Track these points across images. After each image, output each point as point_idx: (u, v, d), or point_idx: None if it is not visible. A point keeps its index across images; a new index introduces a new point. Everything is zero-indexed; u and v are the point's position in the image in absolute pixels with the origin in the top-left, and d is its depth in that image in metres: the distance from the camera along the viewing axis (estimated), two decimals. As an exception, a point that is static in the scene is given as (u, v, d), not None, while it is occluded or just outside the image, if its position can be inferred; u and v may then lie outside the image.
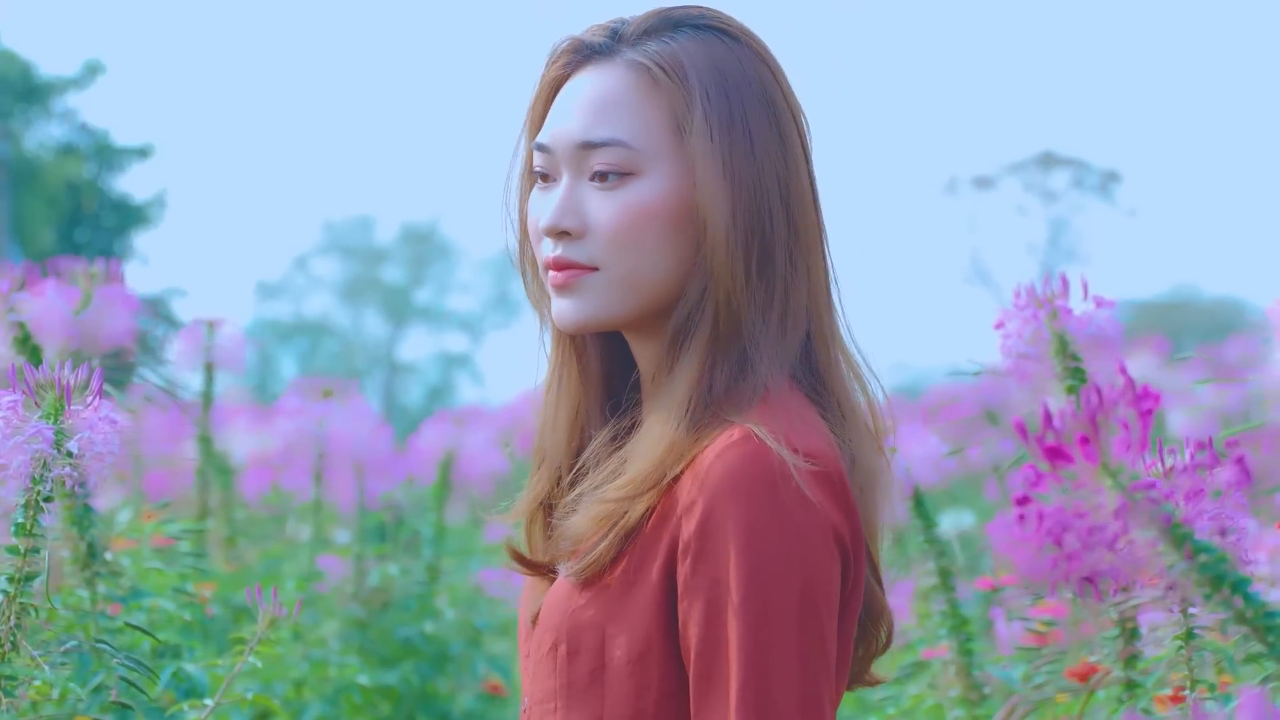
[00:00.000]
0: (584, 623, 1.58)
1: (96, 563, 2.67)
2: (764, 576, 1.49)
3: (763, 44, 1.69)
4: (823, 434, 1.57)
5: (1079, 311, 2.32)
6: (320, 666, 3.69)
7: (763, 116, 1.62)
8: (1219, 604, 1.06)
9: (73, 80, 28.89)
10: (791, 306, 1.61)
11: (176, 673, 2.53)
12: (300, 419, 3.91)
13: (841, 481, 1.55)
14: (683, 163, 1.61)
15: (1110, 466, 1.08)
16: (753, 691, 1.49)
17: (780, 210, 1.62)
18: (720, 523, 1.51)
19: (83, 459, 1.84)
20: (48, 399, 1.87)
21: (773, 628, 1.49)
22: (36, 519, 1.89)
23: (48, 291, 2.81)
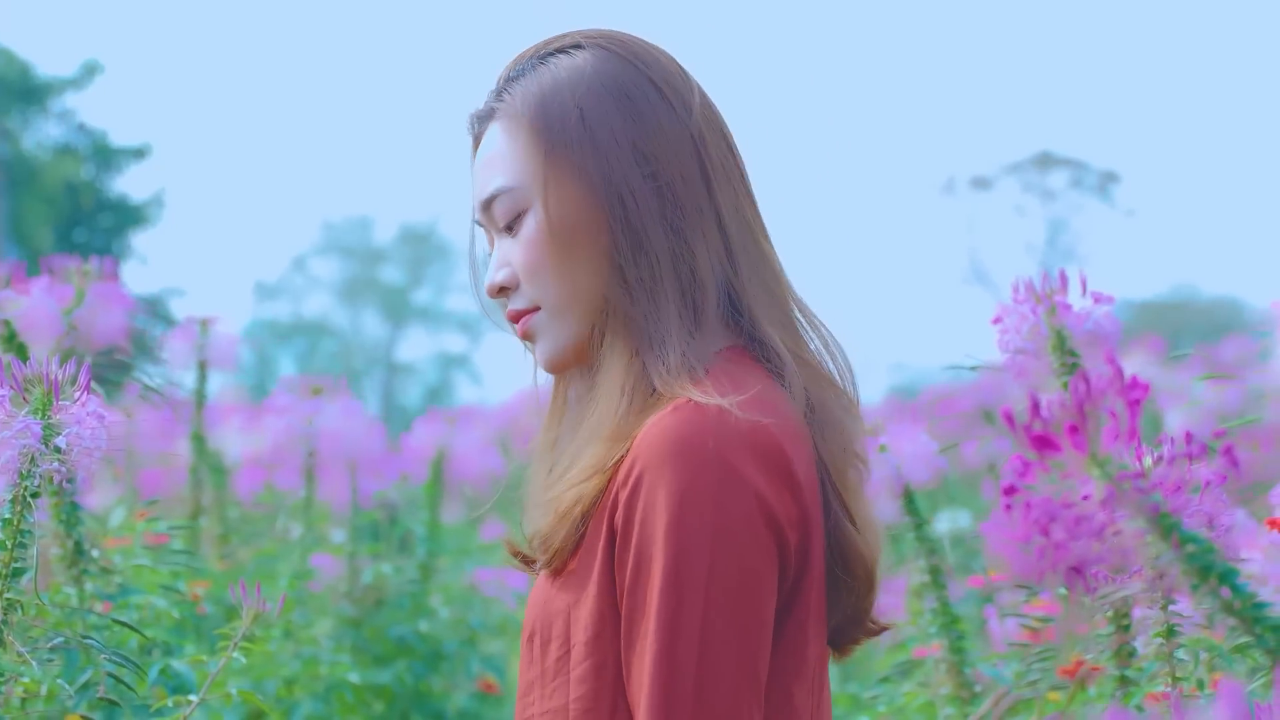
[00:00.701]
0: (554, 611, 1.63)
1: (84, 560, 2.66)
2: (680, 546, 1.53)
3: (633, 44, 1.74)
4: (766, 404, 1.60)
5: (1077, 307, 2.31)
6: (311, 665, 3.68)
7: (612, 111, 1.67)
8: (1206, 595, 1.05)
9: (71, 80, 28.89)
10: (687, 279, 1.66)
11: (164, 669, 2.52)
12: (290, 417, 3.89)
13: (779, 456, 1.58)
14: (554, 182, 1.68)
15: (1098, 456, 1.07)
16: (662, 656, 1.52)
17: (647, 193, 1.66)
18: (649, 492, 1.55)
19: (70, 454, 1.83)
20: (35, 394, 1.86)
21: (683, 594, 1.52)
22: (24, 514, 1.88)
23: (35, 289, 2.80)
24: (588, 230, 1.66)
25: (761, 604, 1.56)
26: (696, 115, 1.70)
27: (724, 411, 1.56)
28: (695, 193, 1.68)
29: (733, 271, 1.68)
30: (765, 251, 1.73)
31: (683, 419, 1.56)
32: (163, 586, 2.82)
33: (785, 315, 1.71)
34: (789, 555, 1.58)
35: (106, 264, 3.04)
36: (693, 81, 1.73)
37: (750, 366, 1.65)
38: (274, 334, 38.80)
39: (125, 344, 3.00)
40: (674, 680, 1.52)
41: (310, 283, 40.90)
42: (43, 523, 2.65)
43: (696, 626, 1.52)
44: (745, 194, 1.74)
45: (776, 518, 1.57)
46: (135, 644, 2.66)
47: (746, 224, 1.72)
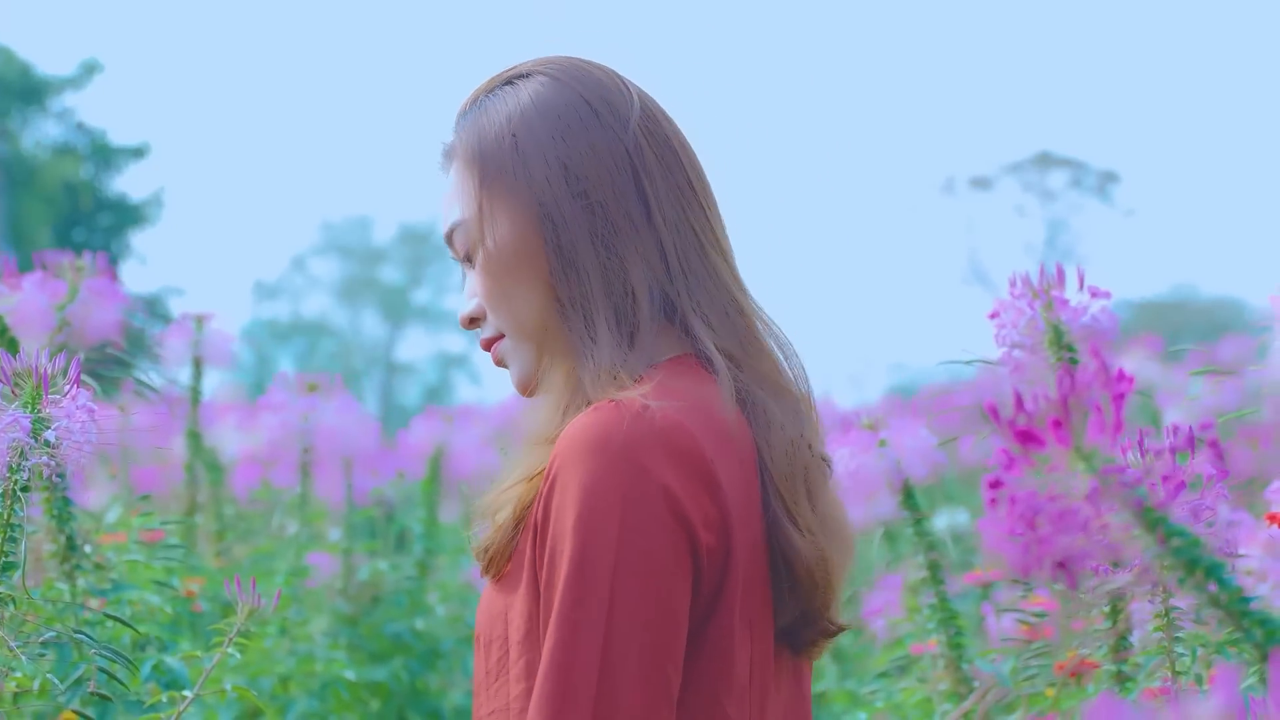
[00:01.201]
0: (495, 614, 1.67)
1: (76, 555, 2.66)
2: (585, 540, 1.54)
3: (572, 66, 1.77)
4: (693, 407, 1.62)
5: (1074, 302, 2.30)
6: (307, 662, 3.68)
7: (544, 134, 1.71)
8: (1193, 588, 1.05)
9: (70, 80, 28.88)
10: (619, 294, 1.68)
11: (158, 665, 2.52)
12: (285, 413, 3.88)
13: (694, 453, 1.59)
14: (490, 211, 1.73)
15: (1083, 450, 1.06)
16: (561, 647, 1.54)
17: (577, 212, 1.70)
18: (561, 488, 1.58)
19: (60, 448, 1.82)
20: (25, 388, 1.85)
21: (587, 585, 1.54)
22: (14, 509, 1.87)
23: (27, 284, 2.80)
24: (526, 256, 1.71)
25: (670, 600, 1.57)
26: (633, 129, 1.73)
27: (640, 411, 1.58)
28: (629, 207, 1.71)
29: (669, 281, 1.71)
30: (710, 258, 1.74)
31: (598, 418, 1.59)
32: (156, 582, 2.81)
33: (728, 321, 1.73)
34: (703, 556, 1.59)
35: (100, 259, 3.03)
36: (633, 96, 1.76)
37: (695, 374, 1.68)
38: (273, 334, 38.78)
39: (119, 340, 2.99)
40: (571, 679, 1.54)
41: (309, 282, 40.91)
42: (35, 518, 2.65)
43: (599, 624, 1.54)
44: (692, 204, 1.75)
45: (688, 516, 1.58)
46: (129, 640, 2.65)
47: (691, 232, 1.74)
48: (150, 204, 29.24)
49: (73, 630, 2.07)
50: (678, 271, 1.71)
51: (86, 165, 28.87)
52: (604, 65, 1.80)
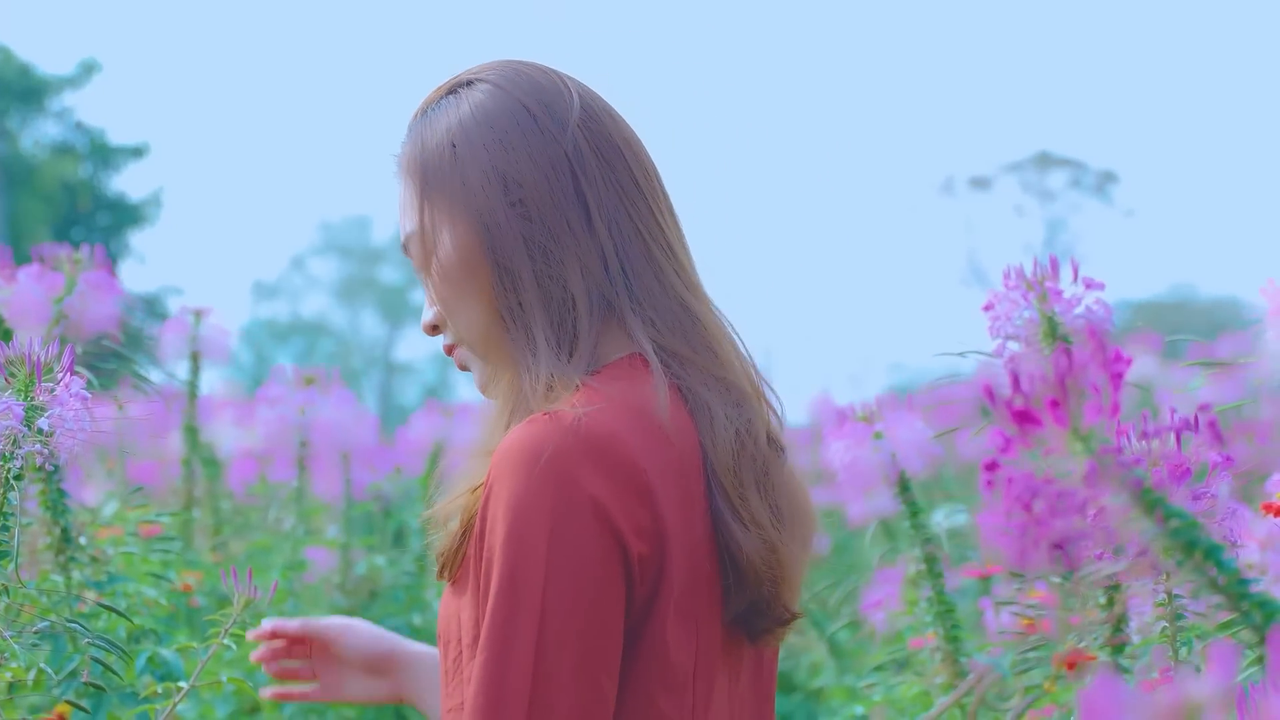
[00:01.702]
0: (450, 615, 1.70)
1: (71, 547, 2.65)
2: (515, 552, 1.57)
3: (512, 72, 1.77)
4: (630, 414, 1.64)
5: (1068, 294, 2.30)
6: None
7: (481, 143, 1.73)
8: (1191, 571, 1.04)
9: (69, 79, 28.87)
10: (558, 300, 1.70)
11: (153, 657, 2.51)
12: (282, 407, 3.87)
13: (628, 466, 1.61)
14: (434, 222, 1.75)
15: (1080, 431, 1.05)
16: (493, 658, 1.56)
17: (514, 219, 1.71)
18: (495, 501, 1.60)
19: (53, 436, 1.82)
20: (18, 376, 1.85)
21: (519, 596, 1.56)
22: (6, 497, 1.86)
23: (23, 276, 2.79)
24: (468, 267, 1.73)
25: (603, 612, 1.59)
26: (572, 131, 1.74)
27: (572, 422, 1.60)
28: (567, 212, 1.72)
29: (608, 284, 1.72)
30: (654, 257, 1.75)
31: (529, 430, 1.61)
32: (153, 575, 2.80)
33: (672, 318, 1.74)
34: (635, 564, 1.61)
35: (98, 252, 3.02)
36: (573, 98, 1.76)
37: (637, 375, 1.69)
38: (272, 333, 38.79)
39: (116, 333, 2.98)
40: (504, 689, 1.56)
41: (308, 282, 40.93)
42: (30, 510, 2.64)
43: (530, 636, 1.56)
44: (636, 204, 1.76)
45: (618, 526, 1.59)
46: (124, 633, 2.64)
47: (634, 232, 1.74)
48: (149, 204, 29.23)
49: (66, 620, 2.06)
50: (617, 273, 1.72)
51: (85, 165, 28.86)
52: (546, 67, 1.80)
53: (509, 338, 1.71)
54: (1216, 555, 1.04)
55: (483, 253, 1.72)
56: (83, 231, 28.25)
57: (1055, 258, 2.33)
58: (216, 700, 3.34)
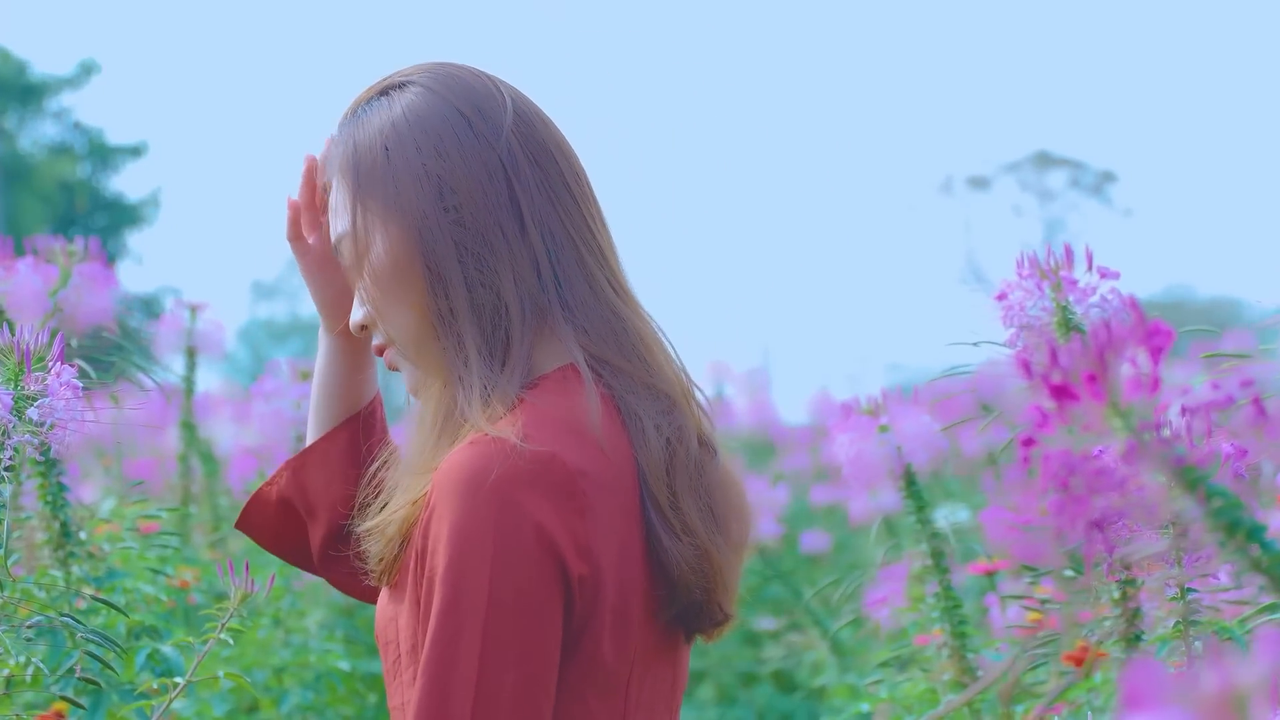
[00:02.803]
0: (387, 619, 1.71)
1: (71, 542, 2.61)
2: (458, 577, 1.57)
3: (446, 75, 1.76)
4: (568, 432, 1.64)
5: (1082, 283, 2.26)
6: (302, 654, 3.63)
7: (414, 148, 1.71)
8: (1233, 552, 1.00)
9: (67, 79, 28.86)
10: (490, 308, 1.69)
11: (152, 654, 2.47)
12: (278, 401, 3.82)
13: (569, 488, 1.61)
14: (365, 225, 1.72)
15: (1119, 406, 1.01)
16: (435, 684, 1.58)
17: (447, 225, 1.69)
18: (438, 523, 1.60)
19: (44, 426, 1.77)
20: (7, 365, 1.80)
21: (461, 621, 1.57)
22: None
23: (20, 267, 2.75)
24: (400, 272, 1.71)
25: (542, 636, 1.60)
26: (506, 137, 1.72)
27: (513, 448, 1.59)
28: (501, 218, 1.70)
29: (540, 291, 1.71)
30: (585, 263, 1.74)
31: (473, 454, 1.61)
32: (151, 570, 2.77)
33: (604, 325, 1.73)
34: (575, 585, 1.62)
35: (93, 245, 2.99)
36: (507, 102, 1.75)
37: (572, 387, 1.69)
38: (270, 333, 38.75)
39: (112, 324, 2.95)
40: (447, 712, 1.57)
41: (307, 282, 40.89)
42: (28, 505, 2.60)
43: (473, 661, 1.57)
44: (568, 208, 1.75)
45: (560, 550, 1.60)
46: (123, 629, 2.61)
47: (567, 238, 1.73)
48: (147, 204, 29.21)
49: (61, 615, 2.02)
50: (549, 280, 1.71)
51: (83, 165, 28.85)
52: (478, 70, 1.79)
53: (439, 345, 1.70)
54: (1259, 536, 1.00)
55: (415, 257, 1.70)
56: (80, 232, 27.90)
57: (1069, 246, 2.29)
58: (214, 698, 3.30)
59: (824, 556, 6.71)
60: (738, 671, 5.88)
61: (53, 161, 28.32)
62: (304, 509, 1.95)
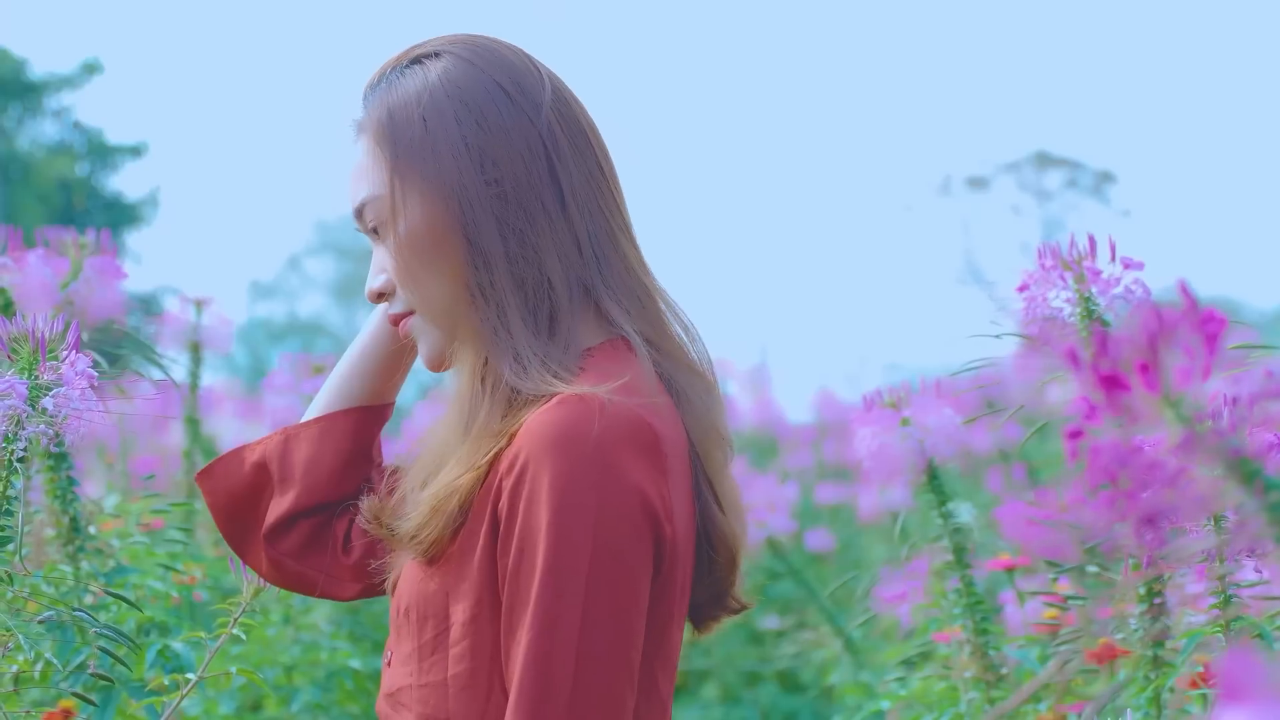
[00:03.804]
0: (430, 592, 1.68)
1: (80, 537, 2.58)
2: (561, 535, 1.57)
3: (482, 48, 1.76)
4: (640, 395, 1.64)
5: (1106, 274, 2.23)
6: (312, 651, 3.60)
7: (454, 119, 1.70)
8: (1295, 545, 0.97)
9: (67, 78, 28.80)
10: (533, 282, 1.69)
11: (163, 650, 2.44)
12: (289, 396, 3.78)
13: (656, 446, 1.62)
14: (402, 192, 1.72)
15: (1172, 397, 0.98)
16: (538, 643, 1.57)
17: (489, 199, 1.69)
18: (532, 482, 1.58)
19: (59, 416, 1.74)
20: (21, 353, 1.77)
21: (563, 582, 1.57)
22: (10, 480, 1.78)
23: (30, 258, 2.73)
24: (438, 239, 1.70)
25: (638, 596, 1.61)
26: (546, 114, 1.73)
27: (606, 404, 1.60)
28: (543, 194, 1.71)
29: (583, 267, 1.72)
30: (621, 244, 1.75)
31: (565, 413, 1.60)
32: (161, 566, 2.74)
33: (641, 305, 1.75)
34: (664, 547, 1.63)
35: (104, 237, 2.96)
36: (545, 79, 1.76)
37: (625, 358, 1.70)
38: (269, 333, 38.70)
39: (122, 319, 2.92)
40: (550, 670, 1.57)
41: (305, 282, 40.84)
42: (36, 500, 2.58)
43: (575, 617, 1.57)
44: (603, 187, 1.76)
45: (655, 511, 1.61)
46: (133, 624, 2.58)
47: (602, 218, 1.74)
48: (146, 203, 29.15)
49: (73, 610, 1.98)
50: (591, 257, 1.72)
51: (82, 164, 28.79)
52: (514, 45, 1.79)
53: (477, 315, 1.69)
54: (1323, 530, 0.97)
55: (454, 229, 1.69)
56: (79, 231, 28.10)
57: (1093, 236, 2.27)
58: (221, 696, 3.28)
59: (829, 555, 6.69)
60: (741, 670, 5.85)
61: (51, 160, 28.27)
62: (279, 476, 1.91)
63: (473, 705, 1.65)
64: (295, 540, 1.89)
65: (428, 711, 1.68)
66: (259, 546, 1.91)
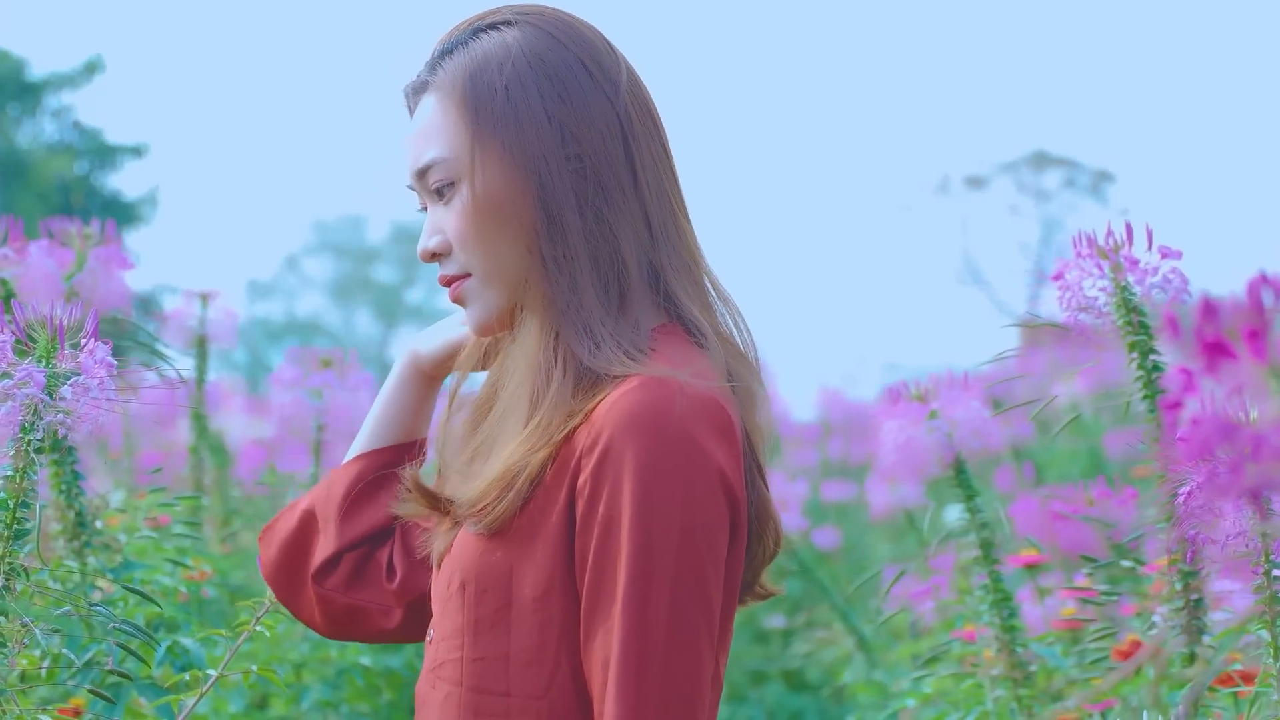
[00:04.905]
0: (492, 565, 1.68)
1: (86, 532, 2.53)
2: (650, 515, 1.58)
3: (562, 22, 1.77)
4: (713, 377, 1.67)
5: (1144, 263, 2.18)
6: (321, 648, 3.55)
7: (537, 92, 1.71)
8: None
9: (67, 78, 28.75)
10: (607, 261, 1.70)
11: (172, 647, 2.39)
12: (299, 390, 3.71)
13: (731, 429, 1.65)
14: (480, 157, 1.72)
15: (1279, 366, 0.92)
16: (632, 620, 1.58)
17: (569, 174, 1.70)
18: (617, 462, 1.60)
19: (77, 406, 1.68)
20: (39, 341, 1.72)
21: (653, 562, 1.58)
22: (27, 471, 1.73)
23: (34, 249, 2.68)
24: (512, 206, 1.71)
25: (720, 573, 1.63)
26: (624, 95, 1.75)
27: (684, 386, 1.62)
28: (619, 174, 1.73)
29: (653, 249, 1.74)
30: (684, 229, 1.78)
31: (649, 394, 1.62)
32: (170, 561, 2.69)
33: (702, 292, 1.77)
34: (737, 527, 1.66)
35: (109, 228, 2.91)
36: (620, 60, 1.78)
37: (685, 343, 1.72)
38: (267, 333, 38.66)
39: (128, 310, 2.88)
40: (646, 647, 1.58)
41: (303, 282, 40.81)
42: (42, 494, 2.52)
43: (666, 594, 1.59)
44: (668, 171, 1.78)
45: (734, 491, 1.64)
46: (141, 621, 2.53)
47: (668, 202, 1.76)
48: (145, 203, 29.09)
49: (91, 606, 1.93)
50: (661, 239, 1.74)
51: (81, 163, 28.74)
52: (589, 22, 1.81)
53: (549, 283, 1.70)
54: None
55: (532, 199, 1.70)
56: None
57: (1130, 224, 2.22)
58: (231, 694, 3.23)
59: (835, 553, 6.65)
60: (747, 669, 5.81)
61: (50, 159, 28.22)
62: (323, 518, 1.95)
63: (537, 679, 1.66)
64: (342, 574, 1.92)
65: (483, 685, 1.68)
66: (308, 590, 1.94)
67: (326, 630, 1.96)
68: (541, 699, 1.65)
